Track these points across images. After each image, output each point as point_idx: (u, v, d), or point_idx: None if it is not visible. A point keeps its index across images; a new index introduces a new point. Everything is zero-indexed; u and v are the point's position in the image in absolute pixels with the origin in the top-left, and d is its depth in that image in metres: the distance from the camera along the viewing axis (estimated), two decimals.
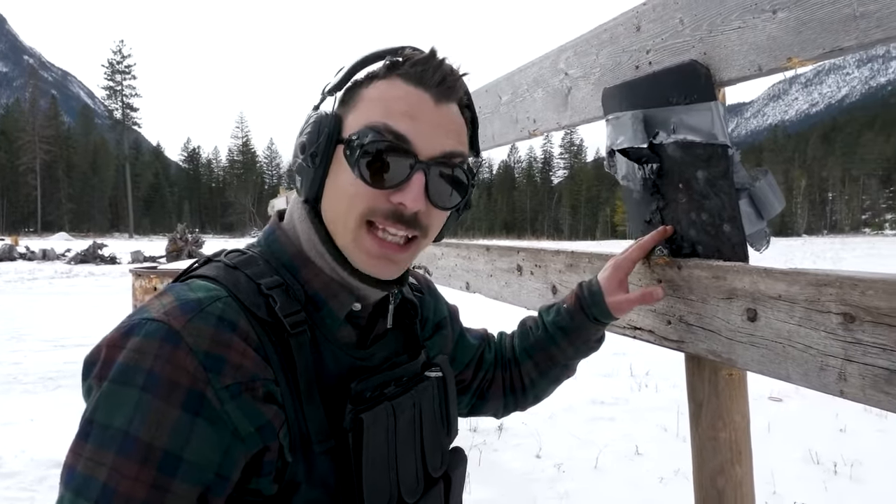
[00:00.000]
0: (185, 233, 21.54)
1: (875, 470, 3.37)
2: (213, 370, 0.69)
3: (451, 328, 1.14)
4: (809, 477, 3.27)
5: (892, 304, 0.79)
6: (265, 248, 0.87)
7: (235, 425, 0.69)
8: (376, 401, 0.83)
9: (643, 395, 4.90)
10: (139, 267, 4.61)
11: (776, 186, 1.13)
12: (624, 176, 1.32)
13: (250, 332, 0.74)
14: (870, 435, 3.94)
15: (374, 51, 0.84)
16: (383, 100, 0.80)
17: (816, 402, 4.60)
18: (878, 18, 0.79)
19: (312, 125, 0.83)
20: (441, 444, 0.95)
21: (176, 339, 0.69)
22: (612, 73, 1.32)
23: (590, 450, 3.68)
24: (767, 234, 1.17)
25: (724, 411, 1.22)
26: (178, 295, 0.74)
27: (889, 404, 0.81)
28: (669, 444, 3.81)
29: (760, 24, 0.96)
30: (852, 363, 0.85)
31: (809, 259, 24.29)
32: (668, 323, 1.22)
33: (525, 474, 3.35)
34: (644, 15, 1.20)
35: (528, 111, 1.70)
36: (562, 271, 1.58)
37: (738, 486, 1.21)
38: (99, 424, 0.66)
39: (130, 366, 0.67)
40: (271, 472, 0.74)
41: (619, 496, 3.08)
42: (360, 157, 0.78)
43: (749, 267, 1.03)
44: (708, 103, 1.07)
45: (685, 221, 1.19)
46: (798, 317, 0.93)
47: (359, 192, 0.79)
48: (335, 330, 0.84)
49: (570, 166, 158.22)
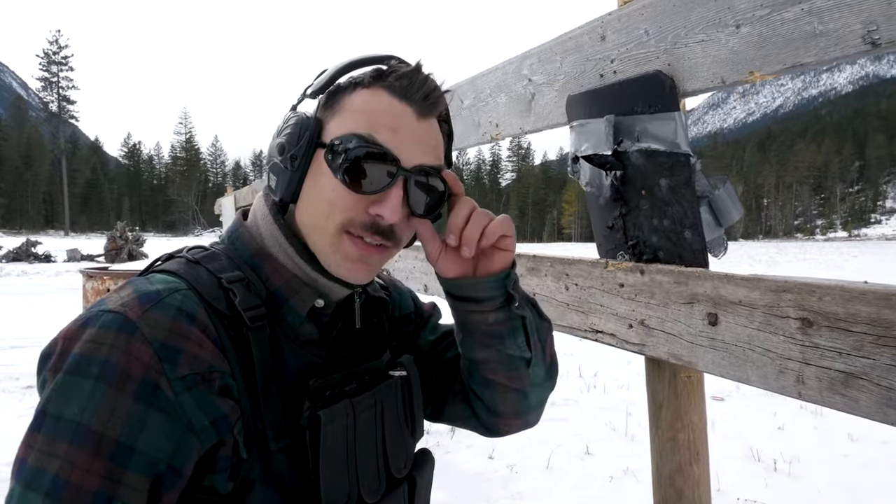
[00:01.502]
0: (124, 231, 20.86)
1: (812, 466, 3.52)
2: (168, 360, 0.68)
3: (414, 323, 1.12)
4: (751, 474, 3.39)
5: (849, 309, 0.83)
6: (228, 244, 0.87)
7: (189, 417, 0.68)
8: (335, 398, 0.82)
9: (592, 396, 4.99)
10: (91, 268, 4.40)
11: (735, 195, 1.17)
12: (587, 182, 1.35)
13: (209, 324, 0.74)
14: (806, 432, 4.12)
15: (359, 57, 0.84)
16: (367, 111, 0.80)
17: (756, 402, 4.78)
18: (837, 37, 0.83)
19: (293, 126, 0.82)
20: (405, 444, 0.95)
21: (131, 328, 0.68)
22: (576, 80, 1.34)
23: (541, 450, 3.73)
24: (725, 240, 1.21)
25: (683, 412, 1.25)
26: (137, 287, 0.74)
27: (845, 406, 0.85)
28: (618, 443, 3.90)
29: (724, 39, 1.00)
30: (810, 366, 0.89)
31: (746, 262, 25.22)
32: (630, 326, 1.24)
33: (478, 475, 3.36)
34: (609, 25, 1.23)
35: (491, 116, 1.72)
36: (523, 275, 1.59)
37: (696, 485, 1.24)
38: (52, 416, 0.66)
39: (85, 356, 0.67)
40: (226, 468, 0.73)
41: (570, 495, 3.12)
42: (342, 161, 0.78)
43: (710, 272, 1.06)
44: (672, 113, 1.10)
45: (647, 227, 1.22)
46: (758, 321, 0.97)
47: (338, 198, 0.79)
48: (296, 327, 0.83)
49: (517, 169, 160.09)
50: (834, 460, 3.62)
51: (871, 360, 0.81)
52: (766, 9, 0.92)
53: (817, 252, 38.95)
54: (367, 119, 0.79)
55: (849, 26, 0.81)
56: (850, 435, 4.00)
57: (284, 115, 0.85)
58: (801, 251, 40.08)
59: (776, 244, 75.30)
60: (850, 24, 0.81)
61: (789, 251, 38.36)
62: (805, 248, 47.79)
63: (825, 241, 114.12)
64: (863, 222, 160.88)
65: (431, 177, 0.83)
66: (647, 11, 1.13)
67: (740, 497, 3.08)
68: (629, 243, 1.27)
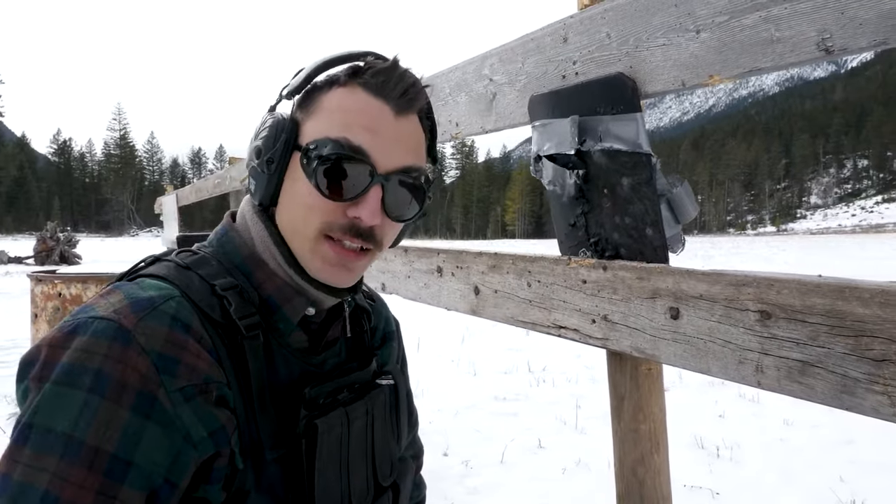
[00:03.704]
0: (55, 231, 19.95)
1: (752, 451, 3.68)
2: (166, 371, 0.66)
3: (397, 343, 1.12)
4: (696, 461, 3.52)
5: (805, 301, 0.88)
6: (217, 248, 0.84)
7: (188, 429, 0.67)
8: (330, 407, 0.82)
9: (542, 390, 5.08)
10: (39, 271, 4.17)
11: (692, 193, 1.22)
12: (550, 181, 1.37)
13: (203, 333, 0.72)
14: (746, 419, 4.30)
15: (336, 55, 0.82)
16: (343, 110, 0.78)
17: (698, 391, 4.96)
18: (793, 43, 0.87)
19: (269, 129, 0.80)
20: (391, 452, 0.95)
21: (127, 338, 0.66)
22: (538, 80, 1.36)
23: (495, 445, 3.77)
24: (683, 237, 1.26)
25: (644, 404, 1.29)
26: (129, 293, 0.71)
27: (802, 393, 0.90)
28: (569, 436, 3.98)
29: (684, 43, 1.04)
30: (768, 356, 0.94)
31: (686, 256, 26.06)
32: (593, 322, 1.27)
33: (434, 472, 3.38)
34: (571, 27, 1.26)
35: (451, 115, 1.73)
36: (485, 272, 1.61)
37: (657, 474, 1.29)
38: (40, 428, 0.62)
39: (76, 366, 0.64)
40: (220, 479, 0.71)
41: (525, 488, 3.17)
42: (317, 167, 0.76)
43: (672, 268, 1.10)
44: (634, 114, 1.14)
45: (609, 225, 1.25)
46: (718, 314, 1.01)
47: (316, 203, 0.78)
48: (288, 335, 0.82)
49: (461, 167, 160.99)
50: (771, 445, 3.79)
51: (826, 349, 0.86)
52: (725, 15, 0.96)
53: (748, 246, 40.63)
54: (342, 119, 0.78)
55: (804, 34, 0.86)
56: (786, 420, 4.20)
57: (262, 117, 0.84)
58: (733, 246, 41.73)
59: (710, 239, 78.05)
60: (806, 31, 0.85)
61: (723, 246, 39.90)
62: (737, 243, 49.78)
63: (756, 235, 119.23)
64: (790, 217, 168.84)
65: (411, 175, 0.82)
66: (608, 15, 1.17)
67: (686, 483, 3.19)
68: (591, 240, 1.31)
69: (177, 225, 7.74)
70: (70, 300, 3.91)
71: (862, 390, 0.82)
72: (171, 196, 8.07)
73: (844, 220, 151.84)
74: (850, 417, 3.48)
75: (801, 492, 3.12)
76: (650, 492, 1.28)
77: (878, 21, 0.77)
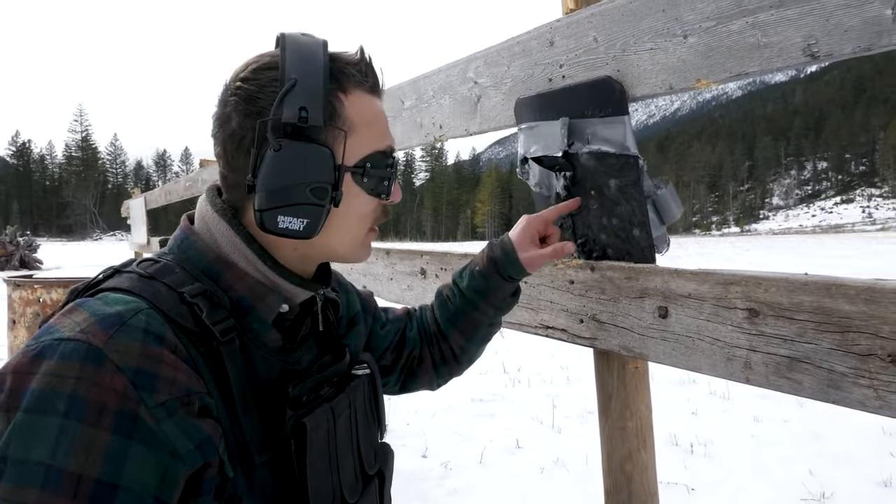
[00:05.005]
0: (15, 236, 19.41)
1: (724, 447, 3.76)
2: (145, 388, 0.64)
3: (363, 322, 1.13)
4: (670, 457, 3.58)
5: (793, 299, 0.91)
6: (179, 254, 0.82)
7: (173, 444, 0.65)
8: (314, 404, 0.82)
9: (518, 391, 5.11)
10: (16, 275, 4.04)
11: (676, 195, 1.24)
12: (537, 182, 1.39)
13: (178, 343, 0.70)
14: (717, 416, 4.38)
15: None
16: (371, 122, 0.85)
17: (670, 389, 5.04)
18: (780, 49, 0.90)
19: (312, 162, 0.77)
20: (373, 440, 0.97)
21: (99, 358, 0.63)
22: (524, 83, 1.38)
23: (474, 446, 3.79)
24: (668, 237, 1.28)
25: (631, 402, 1.31)
26: (94, 310, 0.68)
27: (790, 388, 0.92)
28: (546, 435, 4.01)
29: (672, 48, 1.06)
30: (757, 353, 0.96)
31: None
32: (581, 321, 1.29)
33: (414, 474, 3.38)
34: (558, 31, 1.27)
35: (435, 117, 1.73)
36: None
37: (644, 470, 1.31)
38: (14, 460, 0.58)
39: (47, 391, 0.60)
40: (211, 490, 0.70)
41: (505, 488, 3.19)
42: (378, 181, 0.86)
43: (660, 268, 1.12)
44: (621, 117, 1.16)
45: (596, 226, 1.27)
46: (707, 313, 1.03)
47: (370, 208, 0.87)
48: (262, 335, 0.82)
49: (431, 169, 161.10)
50: (743, 440, 3.88)
51: (813, 345, 0.88)
52: (712, 21, 0.98)
53: (713, 247, 41.42)
54: (377, 130, 0.86)
55: (790, 39, 0.88)
56: (756, 417, 4.30)
57: (278, 144, 0.76)
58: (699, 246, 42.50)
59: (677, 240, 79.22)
60: (792, 37, 0.88)
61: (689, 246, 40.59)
62: (702, 244, 50.70)
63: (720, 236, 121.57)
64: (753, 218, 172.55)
65: None
66: (595, 20, 1.18)
67: (662, 480, 3.23)
68: (578, 241, 1.32)
69: (145, 229, 7.58)
70: (51, 305, 3.80)
71: (848, 384, 0.84)
72: (139, 199, 7.92)
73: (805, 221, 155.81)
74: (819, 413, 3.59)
75: (773, 485, 3.20)
76: (638, 487, 1.31)
77: (862, 27, 0.80)
